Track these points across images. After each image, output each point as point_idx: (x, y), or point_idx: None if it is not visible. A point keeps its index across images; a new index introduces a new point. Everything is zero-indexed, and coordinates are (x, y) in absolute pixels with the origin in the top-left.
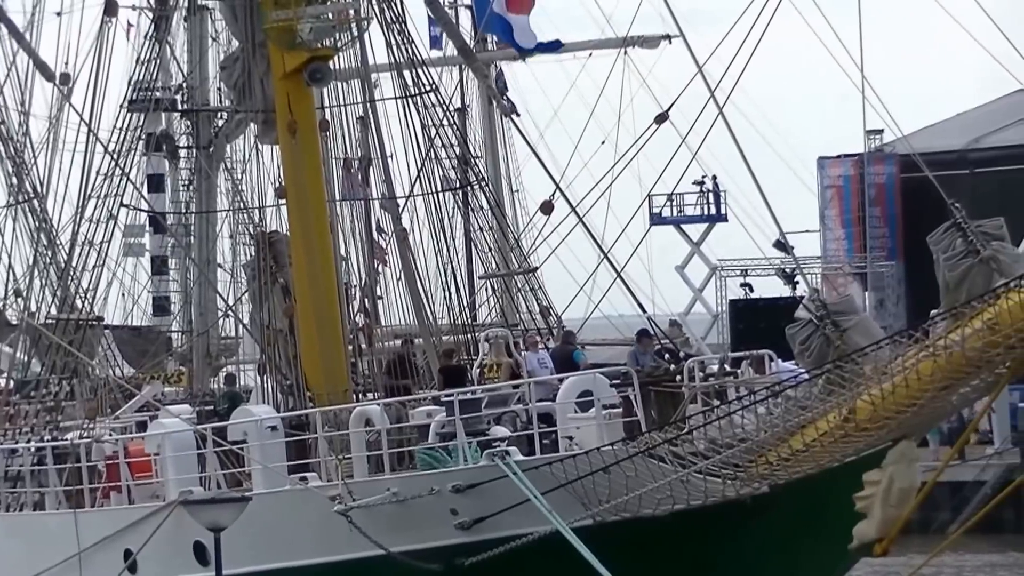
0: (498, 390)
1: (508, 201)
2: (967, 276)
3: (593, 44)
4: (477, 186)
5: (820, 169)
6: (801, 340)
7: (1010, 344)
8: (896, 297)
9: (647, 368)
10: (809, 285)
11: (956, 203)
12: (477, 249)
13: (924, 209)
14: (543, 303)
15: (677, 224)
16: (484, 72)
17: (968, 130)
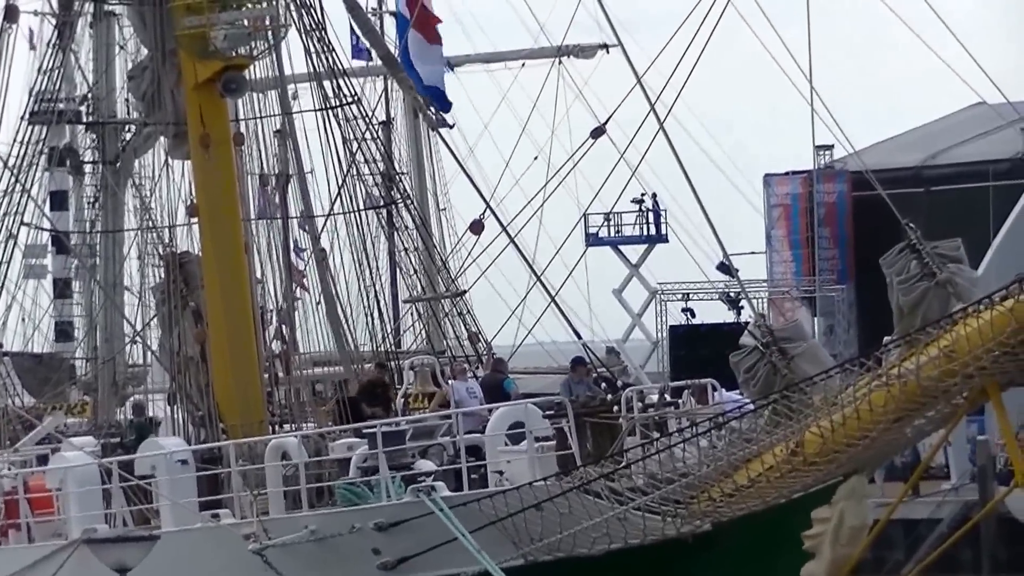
0: (424, 421)
1: (435, 220)
2: (922, 300)
3: (526, 53)
4: (402, 204)
5: (766, 187)
6: (746, 368)
7: (968, 373)
8: (847, 323)
9: (582, 398)
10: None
11: (911, 223)
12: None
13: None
14: (472, 329)
15: (615, 245)
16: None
17: (924, 145)
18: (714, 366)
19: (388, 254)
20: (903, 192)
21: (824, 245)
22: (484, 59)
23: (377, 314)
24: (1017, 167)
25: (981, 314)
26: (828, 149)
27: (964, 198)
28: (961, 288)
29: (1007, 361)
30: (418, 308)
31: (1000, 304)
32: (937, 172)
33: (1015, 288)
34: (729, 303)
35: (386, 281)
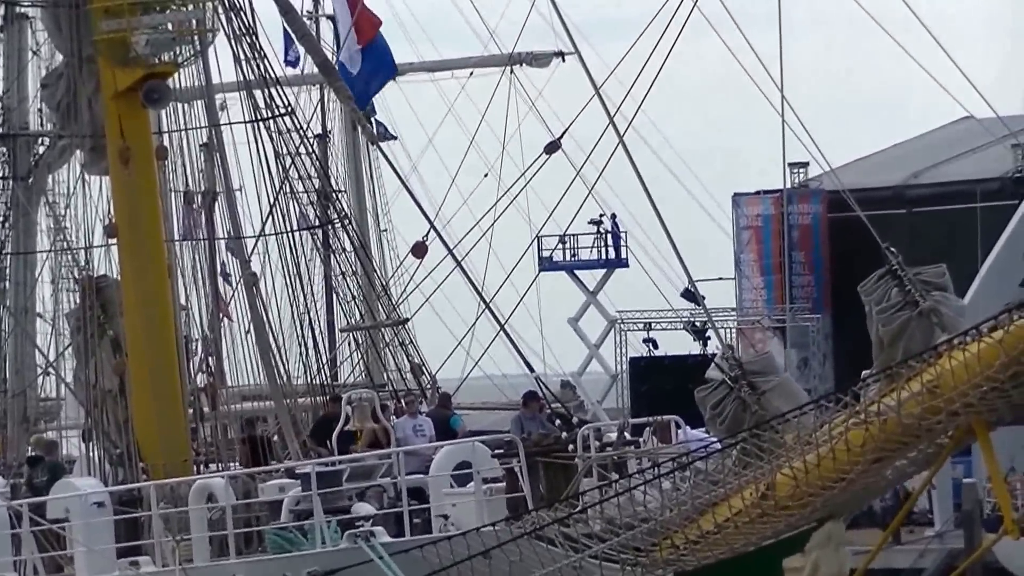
0: (362, 461)
1: (375, 242)
2: (904, 331)
3: (475, 61)
4: (339, 224)
5: (735, 207)
6: (713, 404)
7: (953, 410)
8: (822, 355)
9: (535, 436)
10: (722, 341)
11: (892, 247)
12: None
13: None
14: (415, 360)
15: (570, 270)
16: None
17: (906, 163)
18: (678, 401)
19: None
20: (884, 213)
21: (798, 271)
22: (429, 67)
23: (312, 344)
24: (1007, 187)
25: (968, 346)
26: (802, 167)
27: (950, 220)
28: (946, 318)
29: (995, 397)
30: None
31: (988, 335)
32: (920, 192)
33: (1004, 318)
34: (695, 333)
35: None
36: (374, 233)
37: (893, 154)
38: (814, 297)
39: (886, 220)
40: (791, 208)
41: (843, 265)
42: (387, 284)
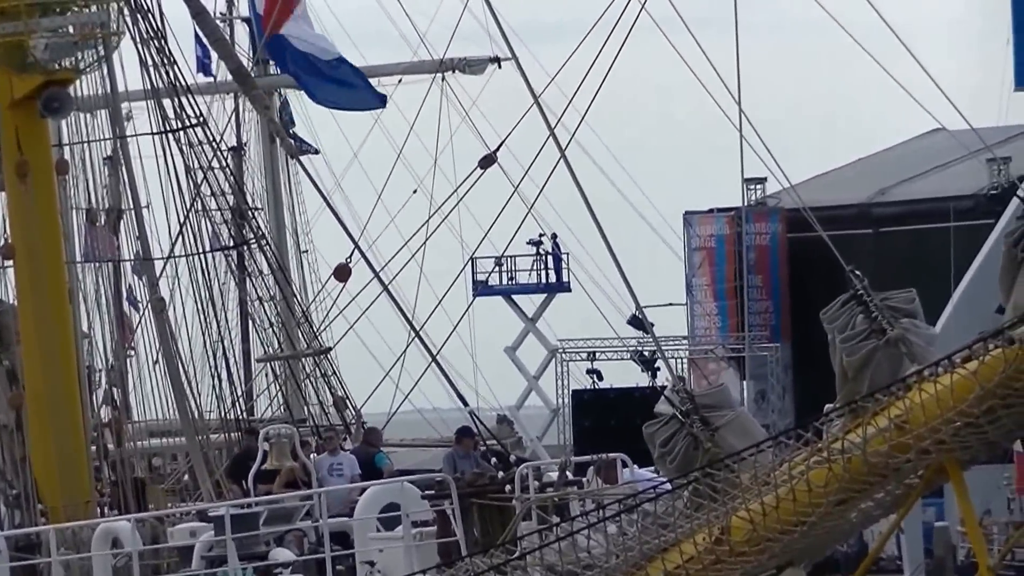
0: (281, 502)
1: (294, 264)
2: (870, 362)
3: (403, 68)
4: (256, 245)
5: (687, 227)
6: (662, 441)
7: (923, 448)
8: (781, 388)
9: (468, 475)
10: (672, 372)
11: (856, 270)
12: (255, 325)
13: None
14: (338, 393)
15: (508, 295)
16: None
17: (873, 179)
18: (624, 438)
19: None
20: (848, 233)
21: (754, 295)
22: None
23: (226, 375)
24: (981, 204)
25: (939, 378)
26: (759, 183)
27: (920, 241)
28: (915, 347)
29: (970, 434)
30: (274, 368)
31: (962, 366)
32: (888, 210)
33: (979, 347)
34: (642, 364)
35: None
36: (294, 255)
37: (858, 169)
38: (772, 324)
39: (851, 240)
40: (747, 227)
41: (804, 290)
42: (308, 310)
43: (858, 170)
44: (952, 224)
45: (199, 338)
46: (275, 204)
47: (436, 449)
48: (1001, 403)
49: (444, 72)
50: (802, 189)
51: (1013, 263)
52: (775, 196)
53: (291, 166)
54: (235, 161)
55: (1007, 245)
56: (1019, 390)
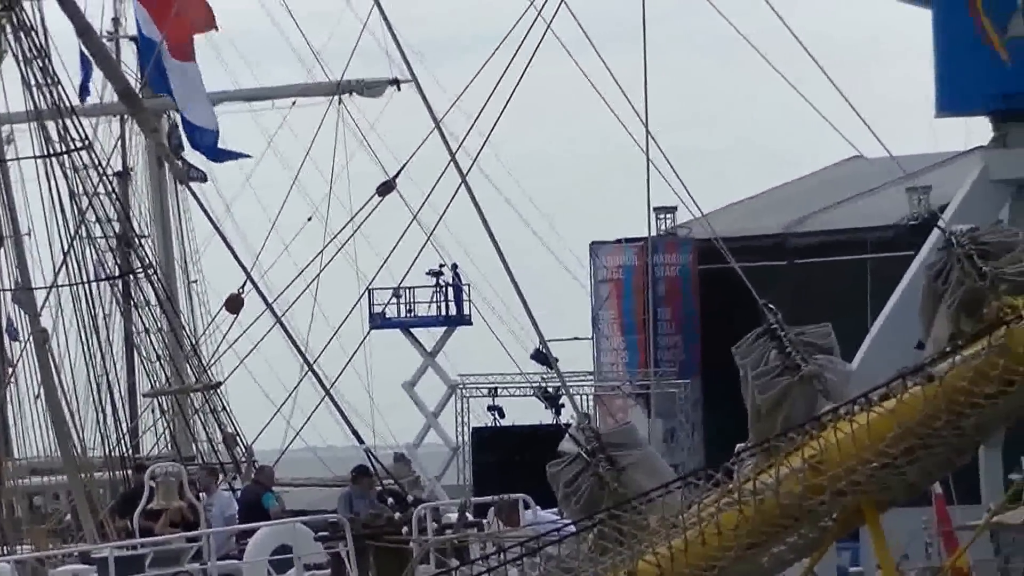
0: (167, 543)
1: (183, 295)
2: (784, 399)
3: (298, 89)
4: (142, 274)
5: (594, 258)
6: (566, 481)
7: (839, 489)
8: (691, 425)
9: (364, 516)
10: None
11: (770, 303)
12: (141, 358)
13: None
14: (228, 429)
15: (406, 327)
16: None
17: (788, 208)
18: (527, 477)
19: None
20: (762, 265)
21: (664, 330)
22: (246, 96)
23: (111, 410)
24: (901, 235)
25: (855, 417)
26: (670, 212)
27: (836, 273)
28: (831, 384)
29: (887, 475)
30: (161, 403)
31: (879, 405)
32: (804, 241)
33: (897, 385)
34: (546, 400)
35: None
36: (182, 284)
37: (773, 198)
38: (682, 360)
39: (765, 272)
40: (657, 258)
41: (715, 324)
42: (197, 343)
43: (773, 199)
44: (870, 256)
45: (83, 371)
46: (163, 231)
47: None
48: (920, 443)
49: (341, 94)
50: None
51: (933, 297)
52: (686, 226)
53: (180, 191)
54: (121, 186)
55: (927, 278)
56: (939, 430)
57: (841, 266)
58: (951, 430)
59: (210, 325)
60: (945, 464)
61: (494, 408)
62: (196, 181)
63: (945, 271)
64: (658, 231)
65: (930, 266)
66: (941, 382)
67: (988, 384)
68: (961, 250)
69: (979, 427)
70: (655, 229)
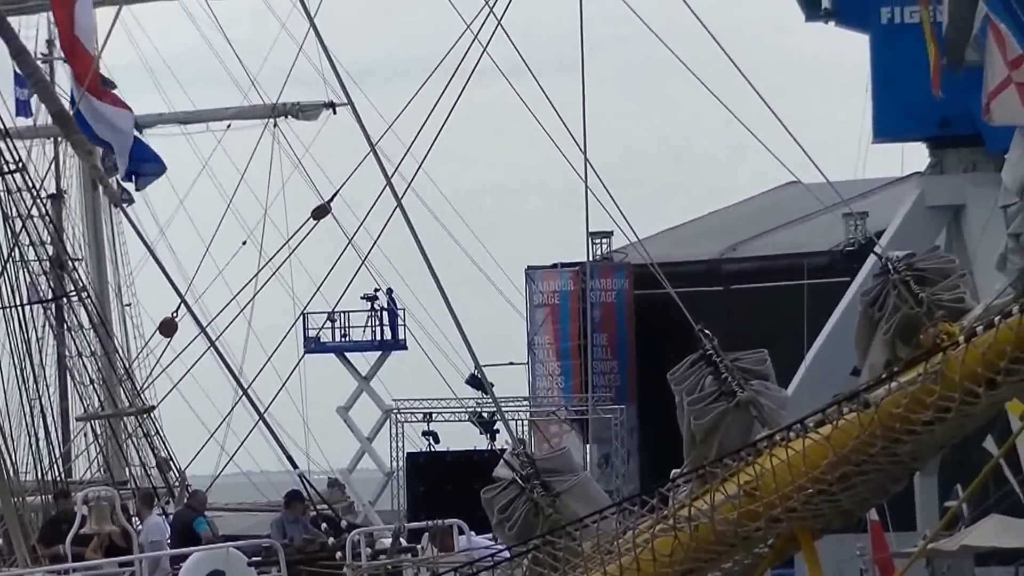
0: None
1: (117, 318)
2: (719, 425)
3: (233, 112)
4: (76, 298)
5: (530, 282)
6: (501, 507)
7: (774, 516)
8: (626, 451)
9: (298, 541)
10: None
11: (706, 329)
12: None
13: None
14: (161, 454)
15: (340, 352)
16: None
17: (724, 234)
18: (461, 503)
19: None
20: (698, 290)
21: (599, 355)
22: (181, 119)
23: (43, 434)
24: (837, 261)
25: (791, 443)
26: (606, 237)
27: (772, 298)
28: (766, 410)
29: (822, 502)
30: (95, 427)
31: (815, 431)
32: (739, 266)
33: (833, 411)
34: (481, 426)
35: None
36: (116, 308)
37: (709, 223)
38: (618, 385)
39: (700, 298)
40: (592, 283)
41: (651, 349)
42: (130, 366)
43: (709, 224)
44: (806, 282)
45: (15, 395)
46: (97, 254)
47: (264, 514)
48: (856, 470)
49: (276, 117)
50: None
51: (869, 323)
52: (622, 251)
53: (114, 215)
54: (55, 209)
55: (864, 304)
56: (874, 456)
57: (777, 292)
58: (886, 457)
59: (144, 349)
60: (880, 491)
61: (429, 433)
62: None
63: (881, 297)
64: (594, 256)
65: (866, 292)
66: (877, 409)
67: (924, 411)
68: (897, 276)
69: (914, 454)
70: (591, 254)
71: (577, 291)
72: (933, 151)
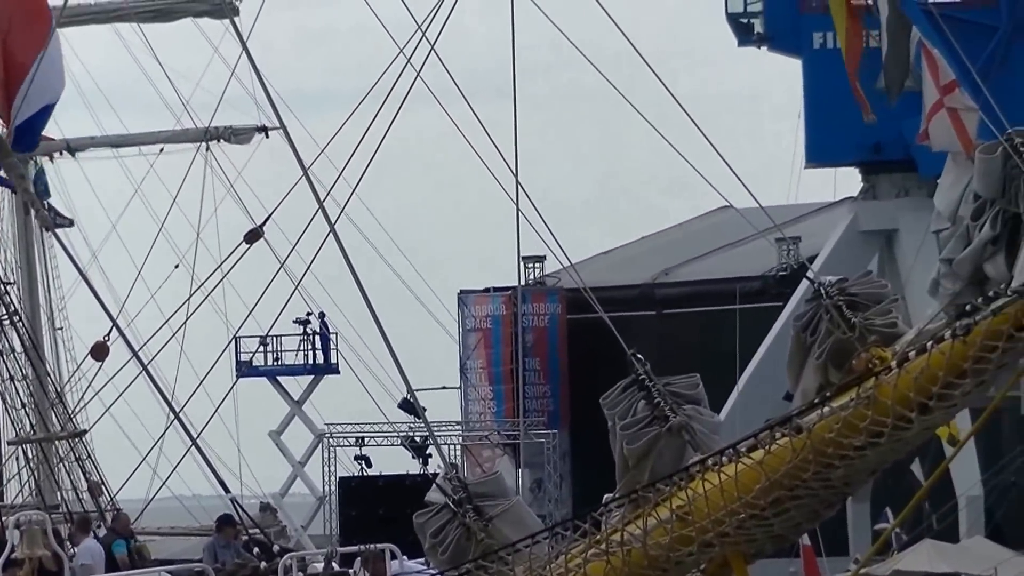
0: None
1: (48, 341)
2: (652, 450)
3: (165, 136)
4: (7, 321)
5: (462, 307)
6: (433, 531)
7: (707, 540)
8: (558, 476)
9: (230, 566)
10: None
11: (638, 353)
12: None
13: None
14: (93, 478)
15: (273, 376)
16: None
17: (656, 258)
18: (394, 528)
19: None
20: (630, 315)
21: (532, 379)
22: (113, 142)
23: None
24: (769, 286)
25: (723, 468)
26: (538, 261)
27: (705, 323)
28: (699, 435)
29: (755, 526)
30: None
31: (747, 456)
32: (672, 291)
33: (765, 436)
34: (414, 450)
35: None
36: (48, 331)
37: (642, 248)
38: (550, 410)
39: (633, 322)
40: (525, 308)
41: (583, 374)
42: (62, 390)
43: (642, 249)
44: (739, 306)
45: None
46: (28, 278)
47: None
48: (788, 494)
49: (209, 141)
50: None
51: (801, 348)
52: (554, 275)
53: (46, 238)
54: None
55: (796, 329)
56: (806, 481)
57: (709, 316)
58: (819, 482)
59: (75, 372)
60: (813, 515)
61: (361, 457)
62: (62, 227)
63: (814, 322)
64: (527, 280)
65: (799, 317)
66: (809, 434)
67: (856, 436)
68: (830, 301)
69: (847, 479)
70: (523, 278)
71: (509, 316)
72: (866, 176)
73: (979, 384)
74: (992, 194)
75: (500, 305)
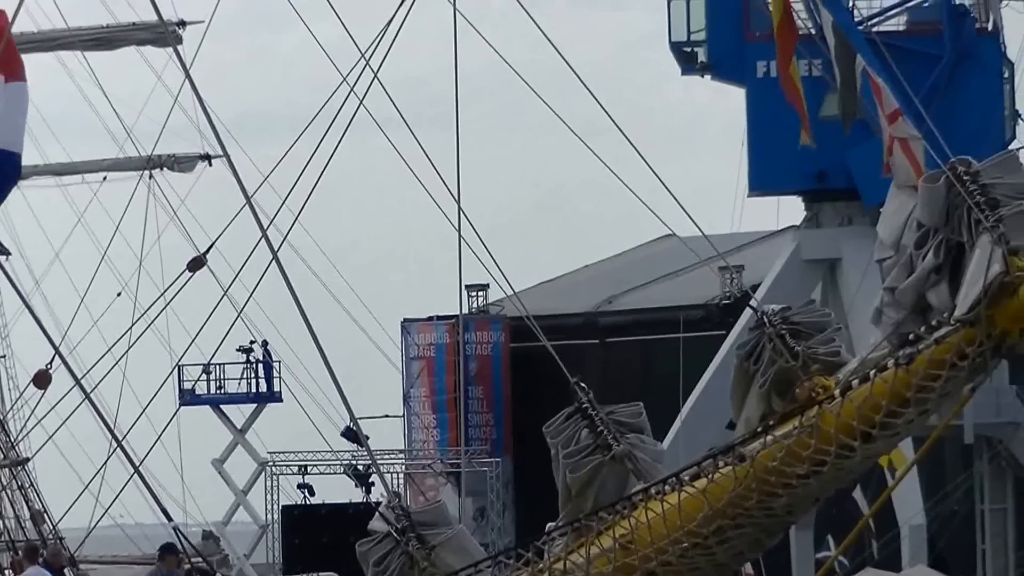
0: None
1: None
2: (595, 478)
3: (108, 164)
4: None
5: (405, 335)
6: (376, 560)
7: (649, 569)
8: (502, 504)
9: None
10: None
11: (582, 382)
12: None
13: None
14: (35, 506)
15: (215, 404)
16: None
17: (600, 287)
18: (336, 556)
19: None
20: (574, 343)
21: (475, 408)
22: (56, 171)
23: None
24: (713, 314)
25: (666, 496)
26: (482, 289)
27: (648, 352)
28: (642, 463)
29: (698, 555)
30: None
31: (690, 484)
32: (615, 319)
33: (708, 465)
34: (356, 478)
35: None
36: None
37: (585, 276)
38: (493, 439)
39: (576, 351)
40: (468, 336)
41: (527, 402)
42: (4, 418)
43: (585, 277)
44: (682, 335)
45: None
46: None
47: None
48: (731, 523)
49: (152, 169)
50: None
51: (744, 377)
52: (498, 303)
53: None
54: None
55: (739, 358)
56: (749, 509)
57: (653, 345)
58: (762, 510)
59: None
60: (755, 544)
61: (304, 486)
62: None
63: (757, 351)
64: (470, 309)
65: (741, 345)
66: (752, 462)
67: (799, 464)
68: (773, 329)
69: (790, 507)
70: (467, 307)
71: (453, 344)
72: (809, 204)
73: (922, 413)
74: (935, 223)
75: (443, 333)
